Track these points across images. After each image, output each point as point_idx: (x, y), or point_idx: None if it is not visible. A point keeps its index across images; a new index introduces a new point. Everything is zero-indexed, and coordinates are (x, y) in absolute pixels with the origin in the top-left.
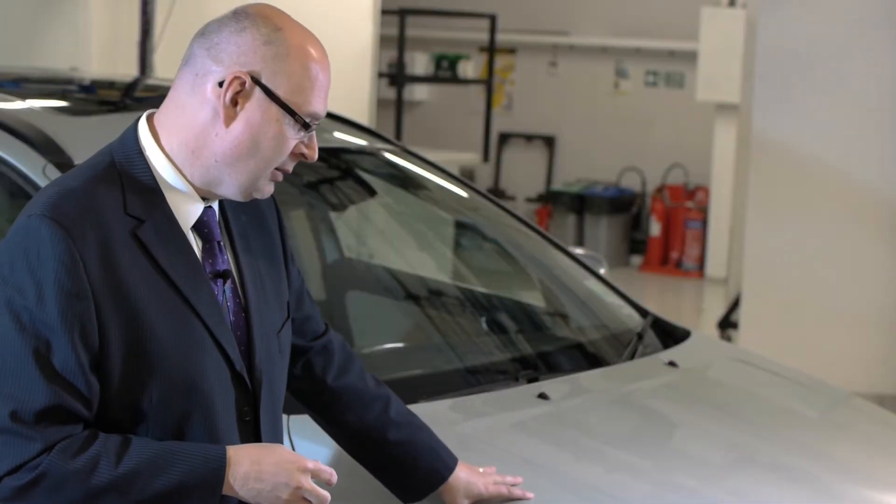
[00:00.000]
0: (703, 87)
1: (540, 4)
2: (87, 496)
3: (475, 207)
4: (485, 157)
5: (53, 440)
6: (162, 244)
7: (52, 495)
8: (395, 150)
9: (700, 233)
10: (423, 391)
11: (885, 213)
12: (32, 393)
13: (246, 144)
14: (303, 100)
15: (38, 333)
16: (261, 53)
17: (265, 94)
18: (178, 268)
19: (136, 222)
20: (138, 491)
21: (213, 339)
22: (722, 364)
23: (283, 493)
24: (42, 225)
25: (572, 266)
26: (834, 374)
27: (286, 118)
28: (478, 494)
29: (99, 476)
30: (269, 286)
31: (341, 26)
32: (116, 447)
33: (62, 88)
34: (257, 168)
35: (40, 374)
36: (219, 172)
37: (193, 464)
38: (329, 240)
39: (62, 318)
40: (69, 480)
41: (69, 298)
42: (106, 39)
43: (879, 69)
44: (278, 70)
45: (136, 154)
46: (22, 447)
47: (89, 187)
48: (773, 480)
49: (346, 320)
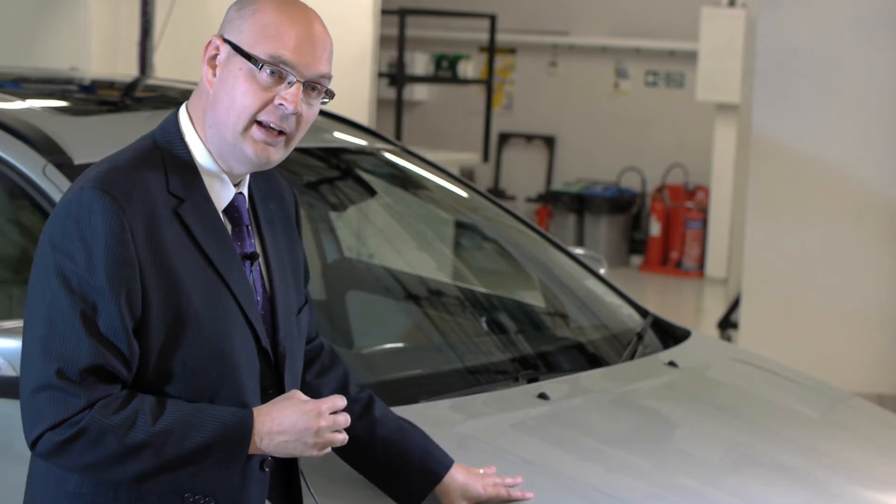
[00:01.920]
0: (703, 87)
1: (540, 4)
2: (123, 452)
3: (475, 207)
4: (485, 157)
5: (95, 398)
6: (200, 223)
7: (90, 451)
8: (395, 150)
9: (700, 233)
10: (423, 391)
11: (885, 213)
12: (78, 352)
13: (224, 100)
14: (266, 46)
15: (85, 297)
16: (232, 17)
17: (233, 49)
18: (213, 246)
19: (178, 201)
20: (171, 448)
21: (243, 314)
22: (722, 364)
23: (309, 439)
24: (94, 195)
25: (572, 266)
26: (834, 374)
27: (252, 68)
28: (476, 496)
29: (136, 433)
30: (290, 271)
31: (341, 26)
32: (153, 406)
33: (62, 88)
34: (238, 121)
35: (86, 334)
36: (217, 138)
37: (222, 424)
38: (329, 240)
39: (109, 283)
40: (107, 436)
41: (117, 265)
42: (106, 39)
43: (879, 69)
44: (244, 27)
45: (176, 138)
46: (65, 403)
47: (136, 165)
48: (773, 480)
49: (346, 320)
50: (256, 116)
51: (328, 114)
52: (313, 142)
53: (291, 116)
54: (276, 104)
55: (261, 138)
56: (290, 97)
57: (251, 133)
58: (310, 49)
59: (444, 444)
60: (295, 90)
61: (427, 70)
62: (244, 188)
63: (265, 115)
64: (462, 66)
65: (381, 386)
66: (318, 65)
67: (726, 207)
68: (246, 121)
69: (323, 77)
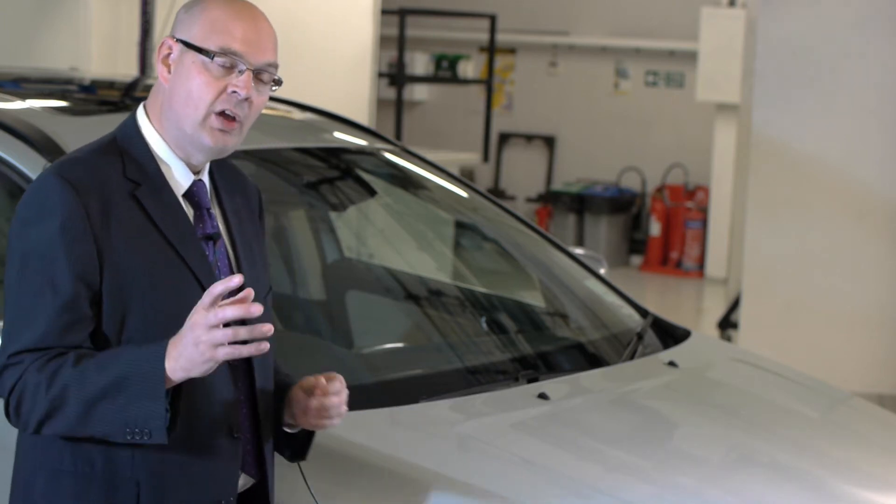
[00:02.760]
0: (703, 87)
1: (540, 4)
2: (53, 398)
3: (475, 207)
4: (485, 157)
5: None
6: (158, 206)
7: (32, 407)
8: (395, 150)
9: (700, 233)
10: (423, 391)
11: (885, 213)
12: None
13: (181, 93)
14: (216, 40)
15: (45, 272)
16: (182, 18)
17: (185, 46)
18: (170, 227)
19: (134, 185)
20: (91, 384)
21: (200, 286)
22: (722, 364)
23: (208, 351)
24: (51, 180)
25: (572, 266)
26: (834, 374)
27: (204, 60)
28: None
29: (58, 378)
30: (257, 256)
31: (341, 26)
32: (76, 356)
33: (62, 88)
34: (195, 112)
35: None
36: (176, 130)
37: (135, 353)
38: (329, 240)
39: (67, 259)
40: (39, 388)
41: (74, 241)
42: (106, 39)
43: (879, 69)
44: (194, 25)
45: (135, 133)
46: (17, 371)
47: (93, 156)
48: (773, 480)
49: (346, 320)
50: (213, 106)
51: (328, 114)
52: (313, 142)
53: (244, 102)
54: (229, 92)
55: (218, 126)
56: (241, 84)
57: (209, 122)
58: (256, 40)
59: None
60: (246, 77)
61: (427, 70)
62: (204, 175)
63: (220, 103)
64: (462, 66)
65: (381, 386)
66: (264, 54)
67: (726, 207)
68: (204, 110)
69: (270, 65)
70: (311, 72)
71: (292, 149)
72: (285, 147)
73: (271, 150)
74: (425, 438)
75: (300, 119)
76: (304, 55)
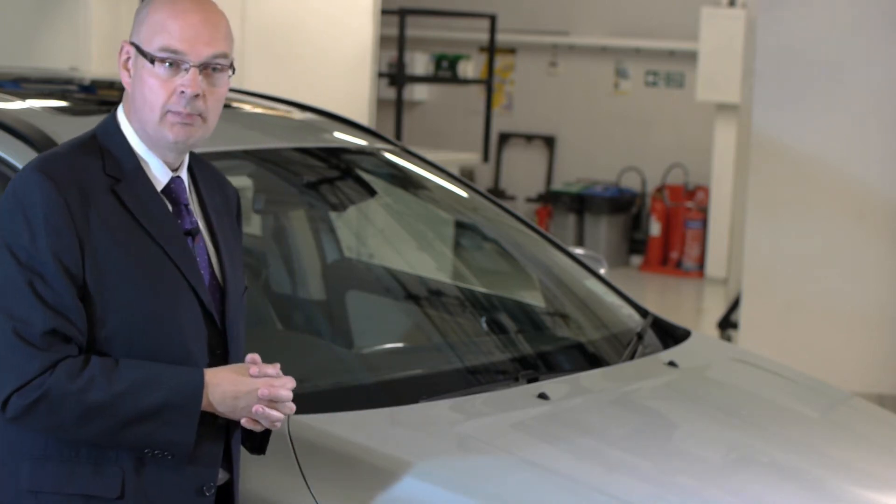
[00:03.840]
0: (703, 87)
1: (540, 4)
2: (82, 414)
3: (475, 207)
4: (485, 157)
5: (52, 360)
6: (137, 200)
7: (54, 413)
8: (395, 150)
9: (700, 233)
10: (423, 391)
11: (885, 213)
12: (32, 318)
13: (138, 98)
14: (157, 41)
15: (33, 268)
16: (135, 20)
17: (136, 50)
18: (151, 221)
19: (114, 180)
20: (127, 408)
21: (185, 280)
22: (722, 364)
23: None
24: (32, 176)
25: (572, 266)
26: (834, 374)
27: (153, 63)
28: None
29: (93, 395)
30: (235, 255)
31: (341, 26)
32: (109, 369)
33: (62, 88)
34: (153, 114)
35: (37, 302)
36: (143, 132)
37: (175, 383)
38: (329, 240)
39: (52, 253)
40: (67, 399)
41: (57, 235)
42: (106, 39)
43: (879, 69)
44: (142, 28)
45: (114, 131)
46: (26, 365)
47: (73, 152)
48: (773, 480)
49: (346, 320)
50: (165, 107)
51: (328, 114)
52: (313, 142)
53: (195, 99)
54: (178, 92)
55: (176, 121)
56: (187, 83)
57: (167, 120)
58: (195, 35)
59: (444, 444)
60: (192, 76)
61: (427, 70)
62: (182, 172)
63: (172, 104)
64: (462, 66)
65: (381, 386)
66: (207, 47)
67: (726, 207)
68: (159, 112)
69: (217, 57)
70: (311, 72)
71: (292, 149)
72: (285, 147)
73: (271, 150)
74: (425, 438)
75: (300, 119)
76: (304, 55)
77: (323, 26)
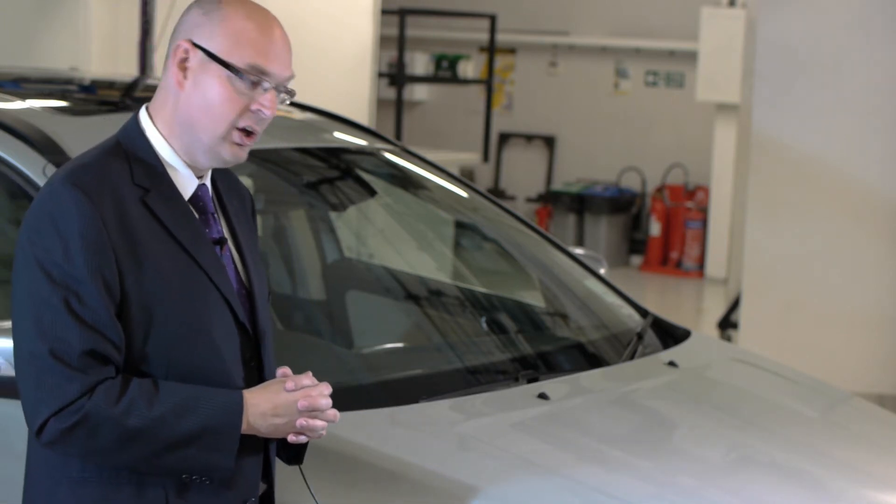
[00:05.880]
0: (703, 87)
1: (540, 4)
2: (122, 438)
3: (475, 207)
4: (485, 157)
5: (91, 383)
6: (168, 211)
7: (92, 438)
8: (395, 150)
9: (700, 233)
10: (423, 391)
11: (885, 213)
12: (69, 339)
13: (199, 104)
14: (243, 55)
15: (67, 286)
16: (199, 21)
17: (206, 55)
18: (183, 231)
19: (143, 191)
20: (167, 433)
21: (218, 291)
22: (722, 364)
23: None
24: (64, 190)
25: (572, 266)
26: (834, 374)
27: (230, 76)
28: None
29: (133, 420)
30: (258, 261)
31: (341, 26)
32: (148, 392)
33: (62, 88)
34: (215, 127)
35: (74, 322)
36: (188, 137)
37: (214, 407)
38: (329, 240)
39: (88, 270)
40: (107, 424)
41: (94, 252)
42: (106, 39)
43: (879, 69)
44: (216, 34)
45: (138, 136)
46: (64, 388)
47: (100, 161)
48: (773, 480)
49: (346, 320)
50: (235, 122)
51: (328, 114)
52: (313, 142)
53: (265, 120)
54: (253, 109)
55: (238, 141)
56: (268, 103)
57: (230, 137)
58: (280, 55)
59: (445, 444)
60: (271, 96)
61: (427, 70)
62: (207, 180)
63: (244, 120)
64: (462, 66)
65: (381, 386)
66: (287, 70)
67: (726, 207)
68: (226, 127)
69: (289, 79)
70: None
71: (292, 149)
72: (285, 147)
73: (271, 150)
74: (425, 438)
75: (300, 119)
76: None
77: (323, 26)
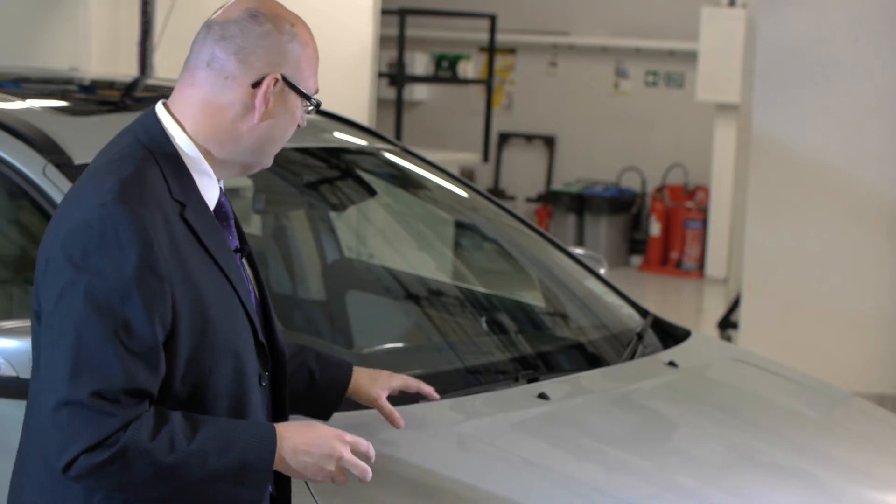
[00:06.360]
0: (703, 87)
1: (540, 4)
2: (156, 474)
3: (475, 207)
4: (485, 157)
5: (130, 418)
6: (203, 226)
7: (126, 472)
8: (395, 150)
9: (700, 233)
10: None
11: (885, 213)
12: (111, 372)
13: (272, 132)
14: (312, 82)
15: (116, 314)
16: (285, 52)
17: (290, 87)
18: (216, 247)
19: (182, 206)
20: (202, 468)
21: (244, 309)
22: (722, 364)
23: (329, 465)
24: (117, 211)
25: (572, 266)
26: (834, 374)
27: (304, 104)
28: (388, 384)
29: (170, 455)
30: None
31: (341, 26)
32: (184, 426)
33: (62, 88)
34: (275, 148)
35: (119, 353)
36: (250, 158)
37: (249, 442)
38: (329, 240)
39: (143, 298)
40: (143, 458)
41: (151, 278)
42: (106, 39)
43: (879, 69)
44: (300, 63)
45: (165, 141)
46: (101, 424)
47: (142, 175)
48: (773, 480)
49: (346, 320)
50: None
51: (328, 114)
52: (313, 142)
53: None
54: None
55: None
56: (305, 120)
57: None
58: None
59: (444, 444)
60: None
61: (427, 70)
62: (222, 183)
63: None
64: (462, 66)
65: None
66: None
67: (726, 207)
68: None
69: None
70: None
71: (292, 149)
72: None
73: None
74: (425, 438)
75: None
76: None
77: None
